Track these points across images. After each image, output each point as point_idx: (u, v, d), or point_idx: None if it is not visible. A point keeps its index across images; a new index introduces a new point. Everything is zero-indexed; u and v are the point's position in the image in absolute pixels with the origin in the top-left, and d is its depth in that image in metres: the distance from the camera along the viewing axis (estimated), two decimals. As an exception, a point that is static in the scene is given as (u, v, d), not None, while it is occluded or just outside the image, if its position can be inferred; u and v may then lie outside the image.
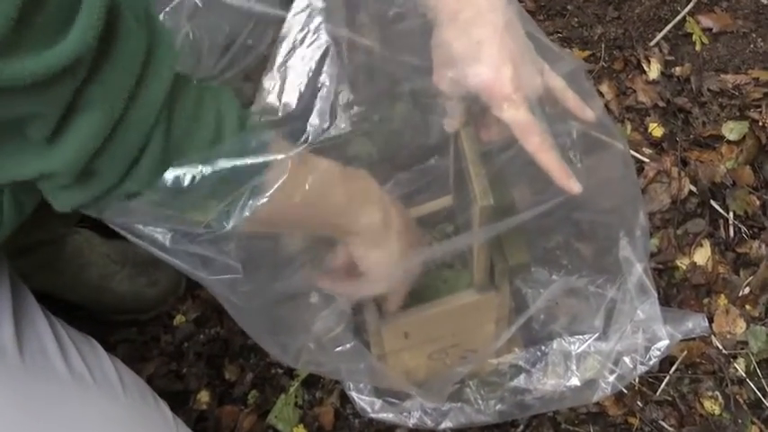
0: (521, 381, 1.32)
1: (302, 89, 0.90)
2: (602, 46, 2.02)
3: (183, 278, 1.68)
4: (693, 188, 1.76)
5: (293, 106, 0.90)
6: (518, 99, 0.93)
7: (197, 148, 0.79)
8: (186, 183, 0.79)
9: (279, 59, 0.92)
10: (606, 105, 1.87)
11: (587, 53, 2.00)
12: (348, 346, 1.17)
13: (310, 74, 0.91)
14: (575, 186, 0.96)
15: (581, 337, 1.29)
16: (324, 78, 0.91)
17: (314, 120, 0.90)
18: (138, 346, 1.64)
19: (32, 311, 1.06)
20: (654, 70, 1.96)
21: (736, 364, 1.54)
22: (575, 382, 1.28)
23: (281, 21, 1.03)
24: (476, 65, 0.93)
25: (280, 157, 0.84)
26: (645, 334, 1.22)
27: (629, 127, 1.85)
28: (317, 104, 0.90)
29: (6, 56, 0.61)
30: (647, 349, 1.22)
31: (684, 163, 1.79)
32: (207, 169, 0.80)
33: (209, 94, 0.81)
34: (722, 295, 1.62)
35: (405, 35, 1.10)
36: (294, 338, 1.14)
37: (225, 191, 0.83)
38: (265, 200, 0.84)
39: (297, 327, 1.16)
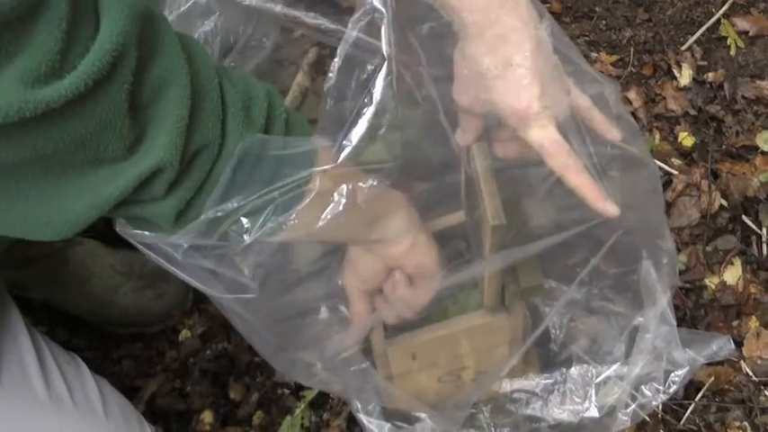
0: (536, 408, 1.30)
1: (354, 105, 0.90)
2: (631, 50, 1.98)
3: (190, 291, 1.66)
4: (724, 202, 1.72)
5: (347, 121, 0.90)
6: (545, 119, 0.91)
7: (259, 105, 0.84)
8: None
9: (335, 69, 0.94)
10: (634, 113, 1.84)
11: (615, 57, 1.96)
12: (359, 367, 1.18)
13: (363, 89, 0.91)
14: (611, 208, 0.94)
15: (602, 365, 1.26)
16: (372, 97, 0.90)
17: (353, 137, 0.89)
18: (142, 362, 1.62)
19: (16, 330, 1.07)
20: (685, 76, 1.91)
21: (766, 392, 1.50)
22: (593, 411, 1.25)
23: (284, 18, 1.03)
24: (502, 84, 0.91)
25: (323, 169, 0.87)
26: (666, 359, 1.20)
27: (657, 136, 1.81)
28: (360, 123, 0.89)
29: (51, 82, 0.66)
30: (667, 374, 1.20)
31: (715, 175, 1.75)
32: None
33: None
34: (753, 317, 1.57)
35: (425, 41, 1.08)
36: (304, 356, 1.14)
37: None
38: (293, 217, 0.87)
39: (307, 344, 1.16)
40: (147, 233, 0.86)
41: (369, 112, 0.88)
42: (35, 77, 0.64)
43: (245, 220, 0.86)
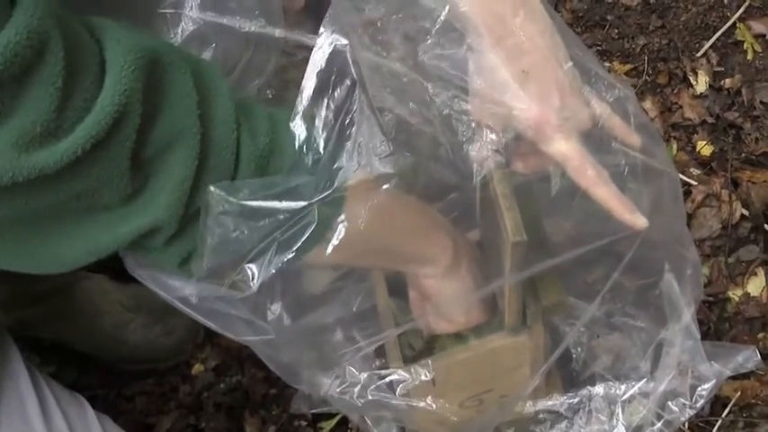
0: (561, 429, 1.31)
1: (330, 133, 0.92)
2: (645, 58, 2.01)
3: (201, 326, 1.68)
4: (745, 212, 1.75)
5: (321, 153, 0.91)
6: (567, 131, 0.93)
7: (282, 155, 0.85)
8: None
9: (304, 103, 0.94)
10: (650, 124, 1.87)
11: (629, 67, 2.00)
12: (377, 393, 1.18)
13: (337, 116, 0.93)
14: (639, 221, 0.96)
15: (627, 382, 1.29)
16: (351, 119, 0.93)
17: (342, 163, 0.91)
18: (155, 399, 1.66)
19: (16, 371, 1.08)
20: (701, 83, 1.95)
21: (795, 406, 1.53)
22: (620, 429, 1.28)
23: (284, 43, 1.05)
24: (521, 96, 0.92)
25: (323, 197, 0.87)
26: (691, 374, 1.23)
27: (675, 146, 1.85)
28: (346, 148, 0.92)
29: (47, 144, 0.67)
30: (693, 389, 1.23)
31: (736, 184, 1.79)
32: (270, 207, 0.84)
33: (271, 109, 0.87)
34: (779, 329, 1.60)
35: (439, 59, 1.11)
36: (322, 378, 1.15)
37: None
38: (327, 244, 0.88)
39: (324, 366, 1.17)
40: (160, 278, 0.89)
41: (352, 134, 0.91)
42: (30, 139, 0.65)
43: (249, 267, 0.87)
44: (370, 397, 1.15)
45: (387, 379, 1.16)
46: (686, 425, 1.50)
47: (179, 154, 0.75)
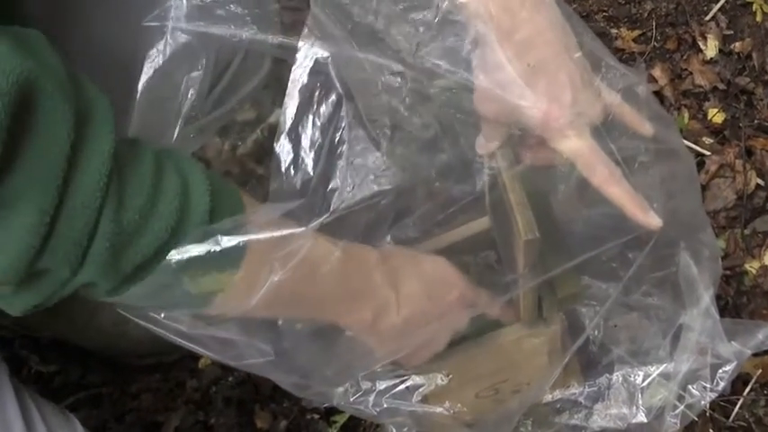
0: (580, 418, 1.31)
1: (318, 152, 0.90)
2: (653, 24, 1.99)
3: (206, 317, 1.68)
4: (760, 181, 1.74)
5: (311, 173, 0.89)
6: (579, 127, 0.92)
7: (160, 226, 0.77)
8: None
9: (288, 123, 0.92)
10: (660, 92, 1.86)
11: (637, 33, 1.98)
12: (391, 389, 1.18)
13: (325, 134, 0.91)
14: (653, 221, 0.95)
15: (646, 369, 1.28)
16: (340, 136, 0.91)
17: (335, 184, 0.90)
18: (161, 395, 1.64)
19: (2, 393, 1.03)
20: (711, 48, 1.93)
21: (818, 382, 1.52)
22: (641, 416, 1.27)
23: (278, 50, 1.03)
24: (531, 93, 0.91)
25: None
26: (711, 354, 1.22)
27: (686, 115, 1.83)
28: (338, 166, 0.90)
29: None
30: (714, 371, 1.22)
31: (750, 153, 1.77)
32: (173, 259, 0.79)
33: (171, 164, 0.79)
34: (799, 302, 1.59)
35: (440, 53, 1.09)
36: (335, 389, 1.15)
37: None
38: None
39: (334, 365, 1.16)
40: (148, 311, 0.88)
41: (343, 151, 0.89)
42: None
43: None
44: (385, 405, 1.14)
45: (402, 386, 1.14)
46: (707, 405, 1.48)
47: (26, 219, 0.68)
